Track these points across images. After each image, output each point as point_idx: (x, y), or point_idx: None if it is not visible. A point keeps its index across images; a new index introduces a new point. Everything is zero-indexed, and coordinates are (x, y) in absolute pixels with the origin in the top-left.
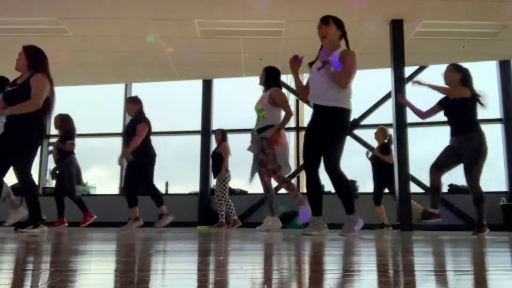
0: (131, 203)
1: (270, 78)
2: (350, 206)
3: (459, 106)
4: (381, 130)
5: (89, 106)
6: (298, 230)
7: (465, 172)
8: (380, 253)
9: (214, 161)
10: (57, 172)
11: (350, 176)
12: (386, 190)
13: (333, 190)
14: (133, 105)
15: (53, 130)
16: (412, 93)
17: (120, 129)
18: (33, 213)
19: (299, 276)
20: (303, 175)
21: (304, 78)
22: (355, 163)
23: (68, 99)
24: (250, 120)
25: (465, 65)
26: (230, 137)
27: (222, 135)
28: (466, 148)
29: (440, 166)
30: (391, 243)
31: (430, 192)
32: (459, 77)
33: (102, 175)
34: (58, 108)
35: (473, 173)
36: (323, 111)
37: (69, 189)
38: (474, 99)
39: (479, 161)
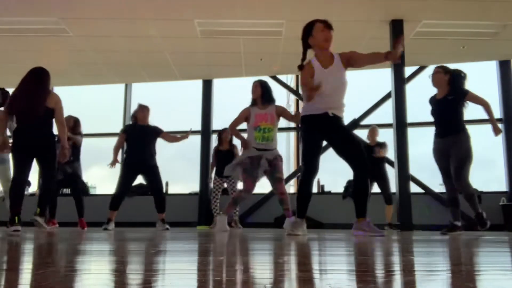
0: (116, 207)
1: (268, 93)
2: (366, 208)
3: (447, 106)
4: (376, 129)
5: (89, 106)
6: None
7: (455, 174)
8: (379, 253)
9: (225, 160)
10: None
11: (350, 177)
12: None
13: (333, 190)
14: (148, 112)
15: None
16: (412, 93)
17: (120, 129)
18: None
19: (299, 275)
20: None
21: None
22: None
23: (68, 99)
24: None
25: (465, 65)
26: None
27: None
28: (455, 150)
29: (447, 175)
30: (391, 243)
31: (449, 205)
32: (446, 78)
33: (102, 175)
34: None
35: (463, 175)
36: (340, 121)
37: (83, 190)
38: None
39: (468, 163)
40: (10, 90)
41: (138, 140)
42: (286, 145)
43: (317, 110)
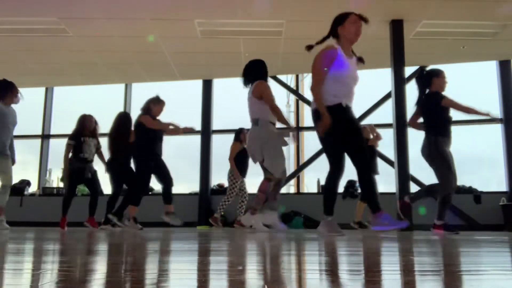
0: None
1: None
2: (376, 202)
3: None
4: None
5: (89, 106)
6: (297, 231)
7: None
8: (380, 253)
9: (244, 160)
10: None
11: (350, 176)
12: None
13: None
14: (163, 108)
15: (53, 131)
16: (412, 93)
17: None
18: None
19: (299, 275)
20: (302, 175)
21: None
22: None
23: (68, 99)
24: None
25: (465, 65)
26: (230, 137)
27: None
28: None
29: None
30: (391, 243)
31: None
32: None
33: (102, 175)
34: (58, 108)
35: None
36: (352, 111)
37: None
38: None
39: None
40: None
41: (159, 133)
42: None
43: (334, 101)
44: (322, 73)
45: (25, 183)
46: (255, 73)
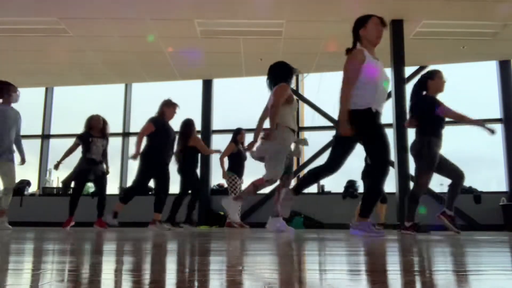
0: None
1: None
2: (371, 208)
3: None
4: None
5: (89, 106)
6: (297, 230)
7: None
8: (380, 253)
9: (241, 161)
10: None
11: (350, 176)
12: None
13: (333, 190)
14: (175, 111)
15: (53, 131)
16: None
17: (120, 129)
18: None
19: (299, 275)
20: (302, 175)
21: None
22: (356, 163)
23: (68, 99)
24: (250, 120)
25: (465, 65)
26: (230, 137)
27: None
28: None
29: None
30: (391, 243)
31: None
32: None
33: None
34: (58, 108)
35: None
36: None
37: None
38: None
39: None
40: None
41: (168, 138)
42: None
43: (365, 105)
44: (355, 74)
45: (25, 183)
46: (275, 76)
